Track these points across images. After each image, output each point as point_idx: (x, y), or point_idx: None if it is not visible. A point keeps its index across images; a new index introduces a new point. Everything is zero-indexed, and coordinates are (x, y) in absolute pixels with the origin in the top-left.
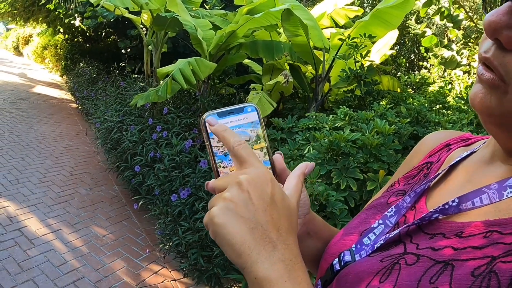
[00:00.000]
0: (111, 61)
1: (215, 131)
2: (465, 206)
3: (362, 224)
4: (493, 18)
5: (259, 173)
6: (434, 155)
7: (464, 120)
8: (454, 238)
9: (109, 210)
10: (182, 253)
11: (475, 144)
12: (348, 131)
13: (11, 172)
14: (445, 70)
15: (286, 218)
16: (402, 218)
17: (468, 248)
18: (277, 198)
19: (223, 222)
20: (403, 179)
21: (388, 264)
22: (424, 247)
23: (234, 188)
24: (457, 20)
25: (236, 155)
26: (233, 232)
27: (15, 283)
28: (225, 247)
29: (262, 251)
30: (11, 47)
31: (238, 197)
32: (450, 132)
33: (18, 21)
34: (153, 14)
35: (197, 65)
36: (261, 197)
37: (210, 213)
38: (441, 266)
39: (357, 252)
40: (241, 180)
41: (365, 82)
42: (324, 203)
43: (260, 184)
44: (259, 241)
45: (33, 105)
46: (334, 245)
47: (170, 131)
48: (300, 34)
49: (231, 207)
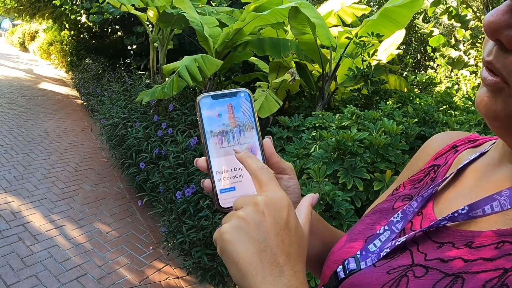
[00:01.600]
0: (117, 58)
1: (240, 158)
2: (475, 213)
3: (366, 229)
4: (492, 18)
5: (278, 197)
6: (441, 158)
7: (472, 121)
8: (464, 248)
9: (113, 207)
10: (186, 251)
11: (484, 146)
12: (355, 131)
13: (15, 168)
14: (452, 71)
15: (297, 245)
16: (408, 224)
17: (479, 260)
18: (291, 224)
19: (233, 240)
20: (408, 182)
21: (396, 277)
22: (432, 258)
23: (249, 208)
24: (464, 20)
25: (257, 178)
26: (241, 251)
27: (18, 278)
28: (230, 266)
29: (268, 276)
30: (17, 43)
31: (252, 217)
32: (456, 133)
33: (24, 17)
34: (159, 10)
35: (203, 62)
36: (275, 221)
37: (221, 229)
38: (451, 279)
39: (362, 260)
40: (258, 201)
41: (372, 81)
42: (331, 203)
43: (276, 207)
44: (266, 264)
45: (38, 101)
46: (338, 251)
47: (175, 128)
48: (307, 32)
49: (243, 226)
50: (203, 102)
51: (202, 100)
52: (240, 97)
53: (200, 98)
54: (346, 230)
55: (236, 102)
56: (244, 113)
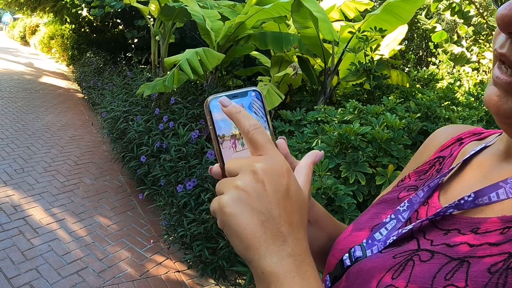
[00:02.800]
0: (118, 51)
1: (228, 113)
2: (481, 201)
3: (372, 219)
4: (506, 12)
5: (276, 162)
6: (446, 150)
7: (474, 116)
8: (469, 234)
9: (114, 200)
10: (187, 245)
11: (488, 138)
12: (357, 125)
13: (16, 161)
14: (454, 67)
15: (298, 212)
16: (414, 214)
17: (484, 245)
18: (291, 190)
19: (234, 212)
20: (414, 174)
21: (401, 261)
22: (438, 243)
23: (248, 176)
24: (467, 16)
25: (251, 140)
26: (243, 224)
27: (18, 272)
28: (233, 239)
29: (272, 246)
30: (18, 37)
31: (252, 187)
32: (461, 126)
33: (25, 10)
34: (161, 4)
35: (205, 55)
36: (276, 189)
37: (220, 201)
38: (457, 263)
39: (368, 248)
40: (257, 168)
41: (374, 76)
42: (333, 197)
43: (276, 174)
44: (269, 235)
45: (39, 95)
46: (343, 240)
47: (177, 122)
48: (309, 26)
49: (244, 197)
50: (213, 105)
51: (212, 103)
52: (251, 96)
53: (209, 100)
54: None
55: (247, 102)
56: (257, 113)
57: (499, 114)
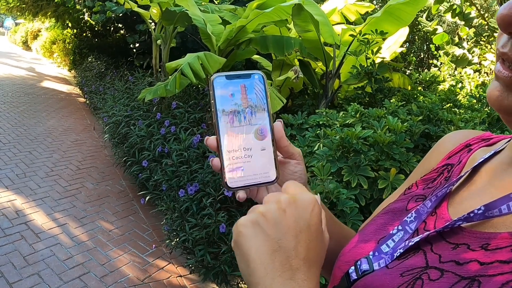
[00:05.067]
0: (120, 56)
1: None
2: (491, 213)
3: (379, 230)
4: (506, 12)
5: (304, 197)
6: (454, 157)
7: (476, 119)
8: (479, 250)
9: (115, 205)
10: (189, 249)
11: (498, 144)
12: (359, 128)
13: (18, 166)
14: (456, 69)
15: (315, 250)
16: (422, 224)
17: (495, 263)
18: (313, 227)
19: (247, 234)
20: (421, 181)
21: (410, 279)
22: (447, 260)
23: (272, 204)
24: (468, 18)
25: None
26: (253, 248)
27: (20, 277)
28: (240, 261)
29: (278, 278)
30: (20, 41)
31: (272, 214)
32: (469, 131)
33: (27, 15)
34: (162, 8)
35: (206, 59)
36: (296, 221)
37: (239, 221)
38: (467, 282)
39: (375, 261)
40: (282, 199)
41: (376, 79)
42: (335, 201)
43: (300, 207)
44: (278, 265)
45: (41, 99)
46: (349, 252)
47: (178, 126)
48: (310, 30)
49: (261, 222)
50: (217, 81)
51: (216, 79)
52: (254, 79)
53: (214, 77)
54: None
55: (249, 83)
56: (257, 94)
57: (501, 110)
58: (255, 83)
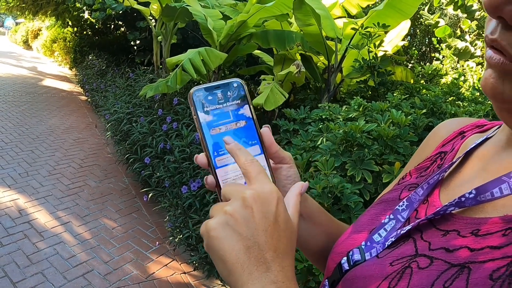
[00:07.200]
0: (120, 53)
1: (230, 149)
2: (483, 197)
3: (372, 220)
4: None
5: (267, 190)
6: (448, 144)
7: (480, 111)
8: (469, 236)
9: (118, 202)
10: (193, 246)
11: (491, 130)
12: (363, 122)
13: (20, 165)
14: (458, 62)
15: (286, 240)
16: (413, 213)
17: (485, 249)
18: (281, 218)
19: (219, 236)
20: (415, 171)
21: (399, 268)
22: (437, 248)
23: (237, 202)
24: (470, 11)
25: (246, 171)
26: (227, 249)
27: (24, 276)
28: (217, 262)
29: (255, 272)
30: (21, 41)
31: (240, 213)
32: (463, 119)
33: (27, 15)
34: (162, 4)
35: (207, 55)
36: (264, 216)
37: (208, 224)
38: (457, 269)
39: (367, 250)
40: (246, 195)
41: (378, 72)
42: (339, 196)
43: (265, 202)
44: (253, 261)
45: (42, 98)
46: (342, 243)
47: (180, 122)
48: (312, 24)
49: (231, 222)
50: (197, 95)
51: (195, 93)
52: (233, 87)
53: (192, 91)
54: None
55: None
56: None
57: (496, 98)
58: (235, 91)
